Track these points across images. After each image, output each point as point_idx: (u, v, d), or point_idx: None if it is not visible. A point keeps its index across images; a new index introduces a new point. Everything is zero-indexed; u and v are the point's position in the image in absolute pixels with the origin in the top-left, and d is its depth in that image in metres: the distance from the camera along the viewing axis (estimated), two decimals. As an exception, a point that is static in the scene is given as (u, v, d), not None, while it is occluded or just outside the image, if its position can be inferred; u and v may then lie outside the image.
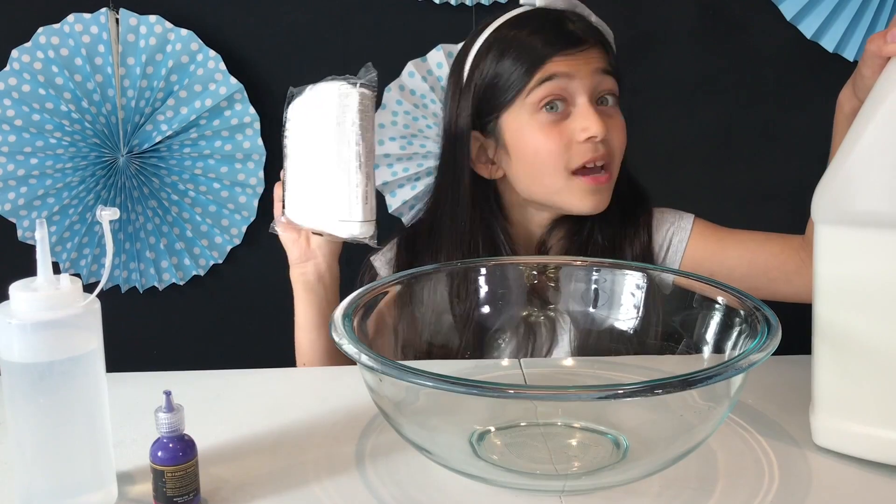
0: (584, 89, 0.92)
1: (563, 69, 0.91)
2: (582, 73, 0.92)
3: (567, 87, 0.92)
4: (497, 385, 0.55)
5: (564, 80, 0.91)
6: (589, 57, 0.93)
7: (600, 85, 0.93)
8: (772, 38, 1.51)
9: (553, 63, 0.92)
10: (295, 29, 1.49)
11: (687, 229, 1.00)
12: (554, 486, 0.61)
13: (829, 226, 0.63)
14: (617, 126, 0.95)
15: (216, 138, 1.48)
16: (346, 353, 0.60)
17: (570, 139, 0.92)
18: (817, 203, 0.63)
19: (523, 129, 0.93)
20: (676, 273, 0.77)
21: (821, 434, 0.66)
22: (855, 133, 0.62)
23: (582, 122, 0.91)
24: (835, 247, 0.63)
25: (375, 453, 0.66)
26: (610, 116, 0.94)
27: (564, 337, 0.88)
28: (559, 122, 0.92)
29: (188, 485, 0.58)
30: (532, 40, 0.93)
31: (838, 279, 0.63)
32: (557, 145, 0.92)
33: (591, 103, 0.92)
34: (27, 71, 1.42)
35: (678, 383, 0.54)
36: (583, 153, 0.92)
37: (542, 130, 0.92)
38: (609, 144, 0.93)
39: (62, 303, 0.56)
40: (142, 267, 1.53)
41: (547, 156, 0.92)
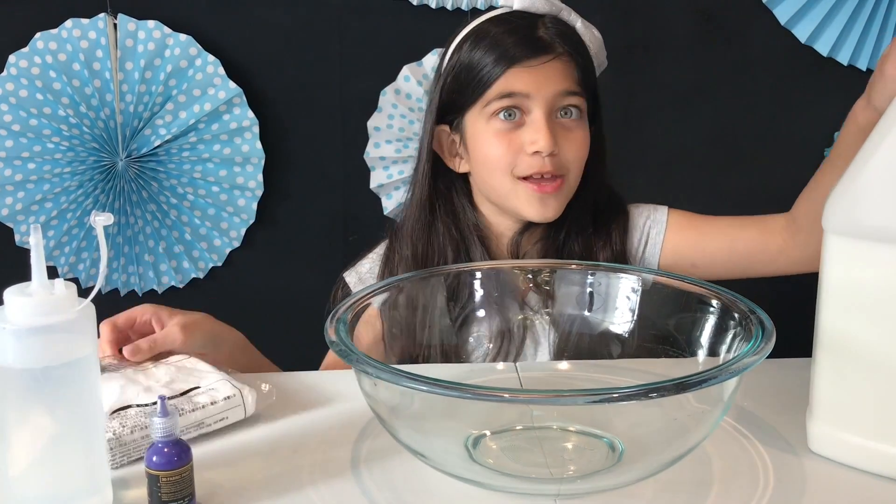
0: (541, 102, 0.92)
1: (522, 87, 0.92)
2: (542, 91, 0.91)
3: (524, 103, 0.92)
4: (492, 389, 0.55)
5: (521, 98, 0.92)
6: (552, 69, 0.92)
7: (561, 101, 0.93)
8: (766, 43, 1.51)
9: (511, 76, 0.92)
10: (293, 33, 1.49)
11: (663, 221, 1.00)
12: (549, 489, 0.61)
13: (839, 236, 0.63)
14: (574, 140, 0.94)
15: (215, 142, 1.48)
16: (341, 356, 0.60)
17: (520, 149, 0.93)
18: (829, 213, 0.63)
19: (479, 133, 0.94)
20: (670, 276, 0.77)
21: (816, 441, 0.66)
22: (871, 146, 0.61)
23: (531, 136, 0.92)
24: (843, 257, 0.63)
25: (371, 458, 0.66)
26: (568, 129, 0.93)
27: (559, 340, 0.88)
28: (512, 131, 0.93)
29: (183, 489, 0.58)
30: (502, 39, 0.93)
31: (845, 289, 0.63)
32: (506, 152, 0.92)
33: (546, 117, 0.92)
34: (25, 76, 1.42)
35: (673, 386, 0.54)
36: (528, 165, 0.92)
37: (494, 136, 0.93)
38: (561, 157, 0.93)
39: (57, 308, 0.56)
40: (141, 270, 1.53)
41: (495, 161, 0.93)
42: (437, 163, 0.99)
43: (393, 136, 1.50)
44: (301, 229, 1.57)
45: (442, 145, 0.99)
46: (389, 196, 1.53)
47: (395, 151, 1.50)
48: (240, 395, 0.70)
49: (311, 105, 1.52)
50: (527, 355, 0.89)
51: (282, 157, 1.53)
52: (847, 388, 0.64)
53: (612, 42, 0.99)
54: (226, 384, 0.71)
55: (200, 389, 0.70)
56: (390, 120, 1.49)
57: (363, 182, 1.53)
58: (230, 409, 0.69)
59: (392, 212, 1.53)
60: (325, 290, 1.58)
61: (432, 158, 0.99)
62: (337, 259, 1.58)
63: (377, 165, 1.51)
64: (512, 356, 0.87)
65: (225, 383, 0.71)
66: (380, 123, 1.49)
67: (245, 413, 0.70)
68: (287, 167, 1.54)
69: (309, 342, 1.04)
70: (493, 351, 0.87)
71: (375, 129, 1.49)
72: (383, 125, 1.49)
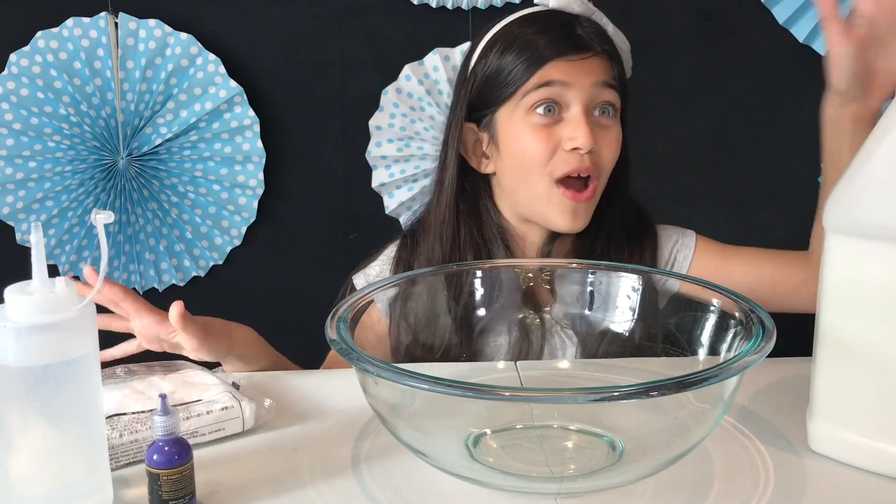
0: (580, 98, 0.91)
1: (560, 76, 0.90)
2: (580, 81, 0.91)
3: (563, 94, 0.91)
4: (493, 388, 0.55)
5: (561, 88, 0.90)
6: (591, 65, 0.92)
7: (599, 96, 0.92)
8: (765, 42, 1.51)
9: (552, 67, 0.91)
10: (294, 32, 1.49)
11: (691, 247, 0.99)
12: (549, 488, 0.61)
13: (840, 235, 0.63)
14: (610, 139, 0.93)
15: (216, 141, 1.48)
16: (342, 355, 0.60)
17: (558, 145, 0.91)
18: (830, 211, 0.63)
19: (515, 127, 0.92)
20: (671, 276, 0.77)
21: (817, 440, 0.66)
22: (871, 145, 0.61)
23: (571, 132, 0.90)
24: (844, 256, 0.63)
25: (371, 456, 0.66)
26: (604, 128, 0.92)
27: (560, 339, 0.88)
28: (550, 127, 0.91)
29: (183, 488, 0.58)
30: (536, 39, 0.92)
31: (845, 288, 0.63)
32: (544, 148, 0.91)
33: (585, 113, 0.91)
34: (26, 75, 1.42)
35: (673, 385, 0.54)
36: (567, 162, 0.91)
37: (532, 132, 0.91)
38: (597, 157, 0.92)
39: (57, 306, 0.56)
40: (142, 268, 1.53)
41: (532, 157, 0.91)
42: (463, 163, 0.97)
43: (394, 135, 1.50)
44: (302, 228, 1.57)
45: (466, 145, 0.97)
46: (391, 195, 1.53)
47: (396, 150, 1.50)
48: (238, 407, 0.69)
49: (311, 104, 1.52)
50: (527, 353, 0.89)
51: (282, 155, 1.53)
52: (847, 386, 0.64)
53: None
54: (226, 396, 0.70)
55: (202, 401, 0.70)
56: (392, 119, 1.49)
57: (364, 181, 1.53)
58: (227, 420, 0.69)
59: (393, 211, 1.53)
60: (325, 289, 1.57)
61: (459, 158, 0.97)
62: (337, 258, 1.58)
63: (378, 164, 1.51)
64: (512, 355, 0.87)
65: (226, 395, 0.71)
66: (381, 122, 1.49)
67: (243, 426, 0.69)
68: (288, 166, 1.54)
69: (310, 340, 1.03)
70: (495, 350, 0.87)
71: (377, 128, 1.49)
72: (385, 124, 1.49)
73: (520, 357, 0.86)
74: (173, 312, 0.76)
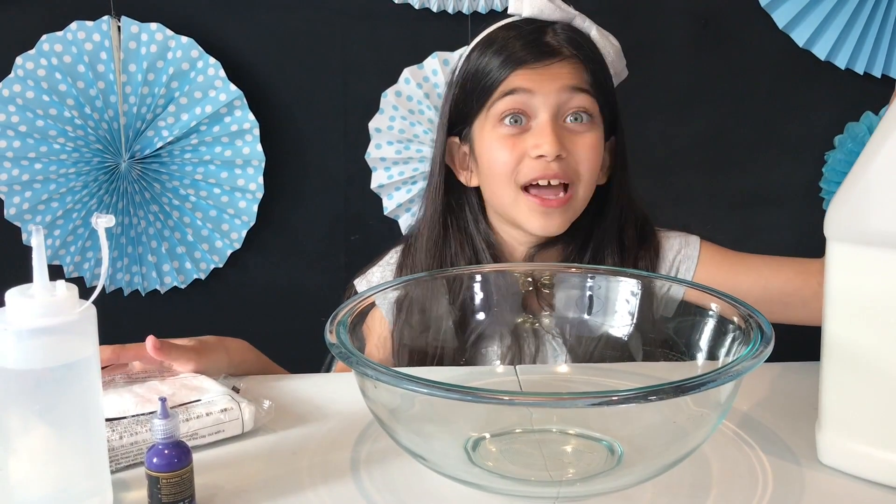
0: (546, 105, 0.90)
1: (524, 84, 0.90)
2: (545, 88, 0.90)
3: (528, 103, 0.90)
4: (492, 392, 0.55)
5: (526, 96, 0.90)
6: (558, 72, 0.90)
7: (568, 102, 0.91)
8: (764, 46, 1.51)
9: (516, 76, 0.90)
10: (294, 36, 1.50)
11: (694, 257, 0.97)
12: (548, 492, 0.61)
13: (842, 243, 0.62)
14: (584, 145, 0.91)
15: (216, 144, 1.49)
16: (341, 359, 0.60)
17: (524, 154, 0.90)
18: (830, 220, 0.62)
19: (486, 139, 0.93)
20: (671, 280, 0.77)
21: (827, 453, 0.65)
22: (871, 151, 0.60)
23: (536, 139, 0.90)
24: (847, 264, 0.62)
25: (370, 460, 0.67)
26: (576, 134, 0.91)
27: (558, 344, 0.88)
28: (517, 136, 0.91)
29: (183, 491, 0.58)
30: (509, 45, 0.92)
31: (850, 297, 0.62)
32: (509, 158, 0.90)
33: (552, 120, 0.90)
34: (31, 78, 1.43)
35: (672, 389, 0.54)
36: (531, 169, 0.90)
37: (499, 142, 0.91)
38: (570, 163, 0.90)
39: (58, 309, 0.56)
40: (144, 270, 1.54)
41: (499, 167, 0.91)
42: (449, 177, 0.97)
43: (394, 137, 1.50)
44: (303, 230, 1.57)
45: (454, 158, 0.97)
46: (390, 196, 1.54)
47: (395, 153, 1.51)
48: (237, 408, 0.70)
49: (312, 108, 1.53)
50: (526, 358, 0.89)
51: (283, 159, 1.53)
52: (857, 397, 0.63)
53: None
54: (225, 398, 0.71)
55: (200, 402, 0.70)
56: (391, 122, 1.49)
57: (363, 183, 1.53)
58: (226, 422, 0.69)
59: (392, 212, 1.54)
60: (326, 291, 1.58)
61: (444, 172, 0.97)
62: (338, 259, 1.58)
63: (378, 166, 1.52)
64: (510, 359, 0.87)
65: (225, 397, 0.71)
66: (381, 125, 1.49)
67: (242, 428, 0.70)
68: (288, 169, 1.54)
69: (310, 343, 1.04)
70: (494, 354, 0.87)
71: (376, 130, 1.50)
72: (384, 126, 1.49)
73: (519, 361, 0.86)
74: (148, 347, 0.74)
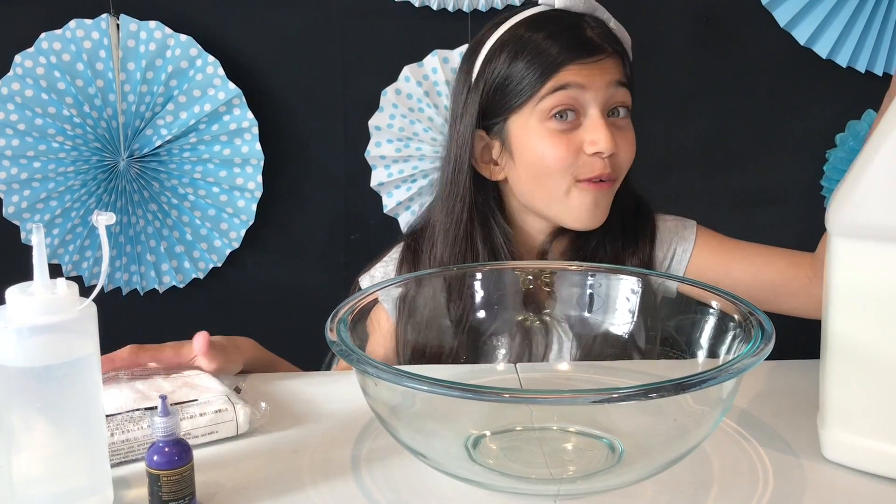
0: (596, 101, 0.90)
1: (576, 79, 0.89)
2: (596, 84, 0.89)
3: (579, 98, 0.90)
4: (493, 389, 0.55)
5: (577, 91, 0.89)
6: (604, 67, 0.90)
7: (614, 97, 0.91)
8: (766, 45, 1.51)
9: (567, 72, 0.89)
10: (293, 34, 1.49)
11: (691, 240, 0.98)
12: (549, 490, 0.61)
13: (844, 238, 0.62)
14: (626, 140, 0.92)
15: (215, 143, 1.49)
16: (342, 357, 0.60)
17: (578, 150, 0.90)
18: (832, 215, 0.62)
19: (531, 135, 0.91)
20: (671, 278, 0.77)
21: (831, 448, 0.65)
22: (873, 146, 0.60)
23: (592, 136, 0.89)
24: (849, 259, 0.62)
25: (371, 458, 0.66)
26: (620, 129, 0.92)
27: (560, 341, 0.88)
28: (568, 132, 0.90)
29: (184, 489, 0.58)
30: (547, 45, 0.90)
31: (852, 292, 0.62)
32: (566, 153, 0.89)
33: (602, 116, 0.90)
34: (30, 76, 1.42)
35: (672, 387, 0.54)
36: (590, 166, 0.90)
37: (550, 138, 0.90)
38: (617, 159, 0.91)
39: (58, 307, 0.56)
40: (142, 270, 1.54)
41: (553, 162, 0.90)
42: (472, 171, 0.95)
43: (394, 135, 1.50)
44: (302, 229, 1.57)
45: (474, 152, 0.95)
46: (390, 194, 1.54)
47: (395, 151, 1.51)
48: (232, 410, 0.69)
49: (311, 106, 1.53)
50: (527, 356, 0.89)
51: (282, 157, 1.53)
52: (860, 392, 0.63)
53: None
54: (222, 399, 0.70)
55: (196, 402, 0.70)
56: (391, 120, 1.49)
57: (363, 182, 1.53)
58: (220, 423, 0.69)
59: (392, 210, 1.54)
60: (326, 290, 1.58)
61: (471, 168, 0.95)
62: (338, 259, 1.58)
63: (378, 164, 1.52)
64: (512, 357, 0.87)
65: (221, 398, 0.70)
66: (380, 123, 1.49)
67: (237, 430, 0.69)
68: (287, 168, 1.54)
69: (309, 342, 1.04)
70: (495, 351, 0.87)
71: (376, 128, 1.50)
72: (384, 125, 1.49)
73: (520, 359, 0.86)
74: (200, 345, 0.76)
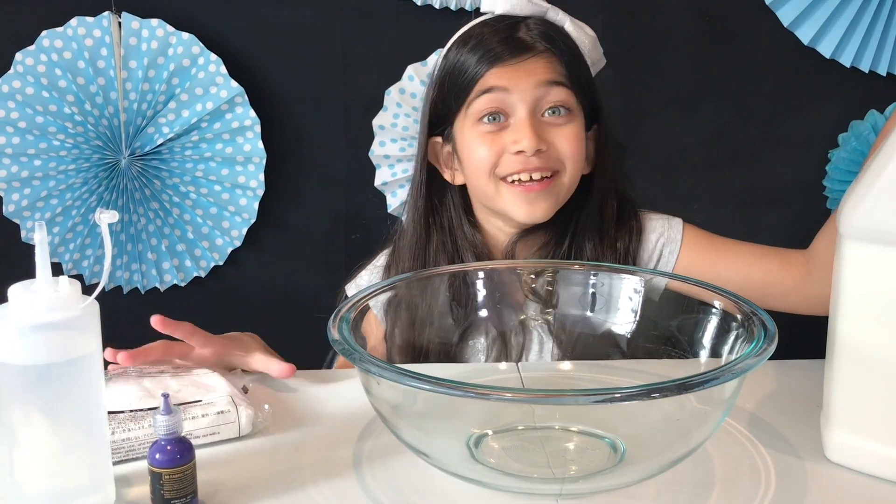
0: (524, 101, 0.91)
1: (500, 82, 0.91)
2: (521, 85, 0.91)
3: (505, 100, 0.91)
4: (495, 388, 0.55)
5: (502, 94, 0.91)
6: (531, 67, 0.91)
7: (545, 97, 0.91)
8: (769, 44, 1.51)
9: (491, 75, 0.91)
10: (296, 33, 1.49)
11: (677, 240, 0.97)
12: (551, 489, 0.61)
13: (855, 241, 0.62)
14: (563, 135, 0.92)
15: (217, 141, 1.49)
16: (345, 356, 0.60)
17: (503, 150, 0.92)
18: (845, 217, 0.62)
19: (466, 137, 0.94)
20: (674, 277, 0.77)
21: (834, 450, 0.65)
22: (887, 151, 0.60)
23: (514, 135, 0.91)
24: (860, 263, 0.62)
25: (373, 457, 0.66)
26: (556, 127, 0.92)
27: (561, 341, 0.88)
28: (497, 133, 0.92)
29: (185, 487, 0.58)
30: (474, 51, 0.92)
31: (861, 294, 0.62)
32: (489, 153, 0.92)
33: (531, 116, 0.91)
34: (31, 74, 1.42)
35: (675, 387, 0.54)
36: (512, 164, 0.91)
37: (478, 140, 0.93)
38: (552, 154, 0.92)
39: (61, 305, 0.56)
40: (143, 268, 1.54)
41: (478, 162, 0.93)
42: (432, 177, 0.98)
43: (397, 134, 1.50)
44: (303, 229, 1.57)
45: (438, 158, 0.99)
46: (394, 193, 1.53)
47: (399, 150, 1.51)
48: (235, 412, 0.69)
49: (313, 104, 1.52)
50: (528, 356, 0.89)
51: (284, 156, 1.53)
52: (866, 394, 0.63)
53: (614, 42, 0.98)
54: (225, 400, 0.70)
55: (200, 402, 0.70)
56: (395, 119, 1.49)
57: (366, 181, 1.53)
58: (222, 424, 0.68)
59: (396, 209, 1.53)
60: (327, 290, 1.58)
61: (427, 173, 0.98)
62: (339, 258, 1.58)
63: (382, 163, 1.52)
64: (513, 357, 0.87)
65: (225, 398, 0.70)
66: (384, 122, 1.49)
67: (239, 432, 0.69)
68: (289, 167, 1.54)
69: (309, 341, 1.04)
70: (495, 352, 0.87)
71: (380, 127, 1.49)
72: (388, 124, 1.49)
73: (521, 359, 0.86)
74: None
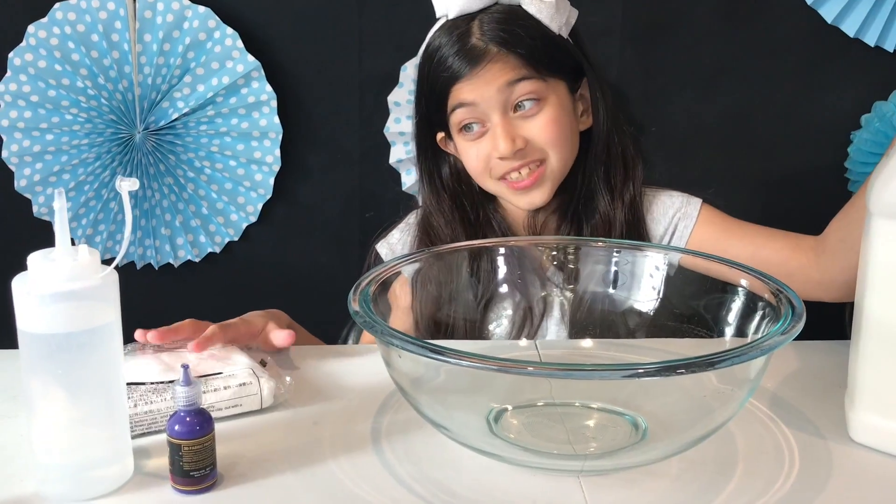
0: (493, 107, 0.93)
1: (466, 97, 0.93)
2: (486, 94, 0.93)
3: (475, 111, 0.94)
4: (517, 362, 0.54)
5: (470, 107, 0.94)
6: (492, 73, 0.92)
7: (512, 94, 0.93)
8: (792, 23, 1.49)
9: (457, 91, 0.93)
10: (312, 6, 1.48)
11: (693, 216, 1.00)
12: (573, 465, 0.61)
13: (885, 218, 0.61)
14: (538, 126, 0.94)
15: (233, 116, 1.48)
16: (365, 328, 0.59)
17: (489, 155, 0.95)
18: (875, 194, 0.61)
19: (457, 143, 0.99)
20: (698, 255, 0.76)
21: (859, 431, 0.65)
22: None
23: (492, 142, 0.94)
24: (888, 240, 0.61)
25: (391, 430, 0.66)
26: (529, 119, 0.94)
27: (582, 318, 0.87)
28: (479, 140, 0.95)
29: (205, 459, 0.58)
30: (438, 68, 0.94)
31: (889, 272, 0.61)
32: (478, 162, 0.96)
33: (502, 119, 0.93)
34: (44, 47, 1.42)
35: (701, 363, 0.53)
36: (499, 167, 0.95)
37: (465, 148, 0.97)
38: (534, 146, 0.94)
39: (80, 274, 0.55)
40: (157, 244, 1.53)
41: (472, 170, 0.98)
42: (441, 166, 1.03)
43: (413, 111, 1.48)
44: (318, 205, 1.56)
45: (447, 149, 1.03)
46: (409, 171, 1.52)
47: (414, 127, 1.49)
48: (257, 384, 0.69)
49: (330, 80, 1.51)
50: (548, 333, 0.88)
51: (300, 131, 1.52)
52: (892, 373, 0.62)
53: (634, 21, 0.97)
54: (246, 372, 0.70)
55: (221, 375, 0.69)
56: (410, 95, 1.48)
57: (380, 158, 1.52)
58: (244, 396, 0.68)
59: (411, 187, 1.52)
60: (341, 266, 1.58)
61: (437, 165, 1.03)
62: (353, 235, 1.57)
63: (397, 140, 1.50)
64: (533, 333, 0.86)
65: (246, 371, 0.70)
66: (400, 98, 1.48)
67: (261, 403, 0.69)
68: (305, 142, 1.53)
69: (324, 316, 1.03)
70: (516, 327, 0.86)
71: (395, 104, 1.48)
72: (403, 100, 1.48)
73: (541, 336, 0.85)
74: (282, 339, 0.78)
